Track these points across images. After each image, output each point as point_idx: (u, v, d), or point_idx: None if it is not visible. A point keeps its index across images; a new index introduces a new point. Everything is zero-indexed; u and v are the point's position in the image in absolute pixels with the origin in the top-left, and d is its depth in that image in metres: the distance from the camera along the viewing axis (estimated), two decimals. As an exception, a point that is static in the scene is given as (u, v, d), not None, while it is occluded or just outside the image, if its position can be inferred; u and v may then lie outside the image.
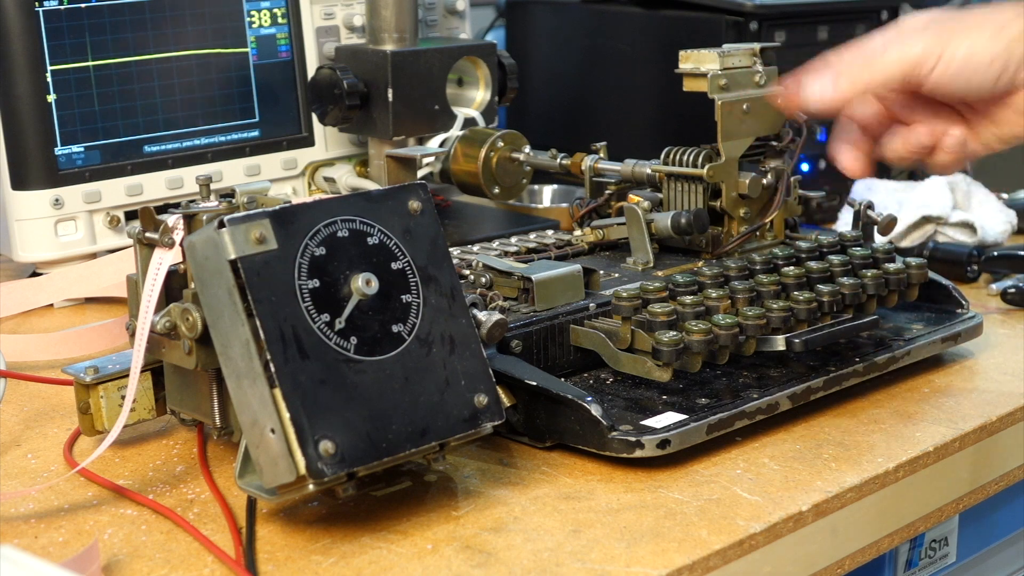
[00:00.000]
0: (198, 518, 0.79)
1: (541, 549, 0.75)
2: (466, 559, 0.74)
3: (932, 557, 0.99)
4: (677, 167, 1.10)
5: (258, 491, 0.76)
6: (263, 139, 1.36)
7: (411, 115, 1.31)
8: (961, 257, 1.28)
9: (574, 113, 1.56)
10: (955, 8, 0.87)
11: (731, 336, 0.91)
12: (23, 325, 1.17)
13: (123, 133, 1.27)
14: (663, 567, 0.73)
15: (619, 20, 1.49)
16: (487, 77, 1.38)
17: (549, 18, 1.59)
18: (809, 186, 1.18)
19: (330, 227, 0.77)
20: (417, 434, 0.76)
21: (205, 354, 0.79)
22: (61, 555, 0.75)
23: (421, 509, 0.80)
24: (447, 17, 1.51)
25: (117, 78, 1.26)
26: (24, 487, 0.84)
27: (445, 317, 0.80)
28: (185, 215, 0.82)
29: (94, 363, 0.87)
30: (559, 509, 0.80)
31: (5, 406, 0.93)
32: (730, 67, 1.08)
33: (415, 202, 0.81)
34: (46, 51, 1.22)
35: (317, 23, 1.39)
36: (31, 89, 1.22)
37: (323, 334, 0.74)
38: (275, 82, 1.37)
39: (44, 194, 1.23)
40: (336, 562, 0.74)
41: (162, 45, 1.29)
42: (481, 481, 0.84)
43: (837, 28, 1.46)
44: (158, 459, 0.88)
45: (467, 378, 0.79)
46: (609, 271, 1.04)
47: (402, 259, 0.79)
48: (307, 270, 0.75)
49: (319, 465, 0.72)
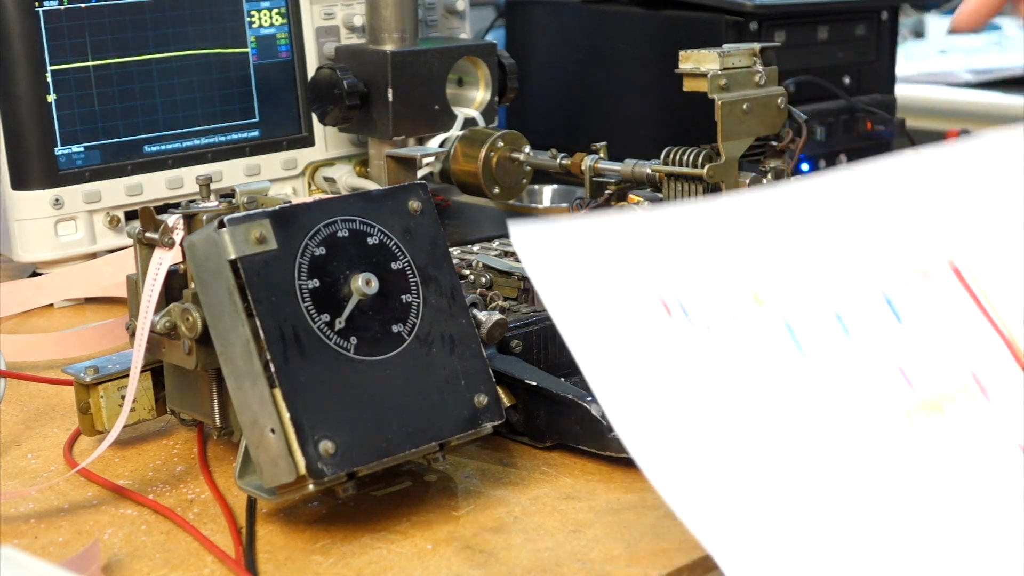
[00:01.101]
0: (198, 518, 0.79)
1: (541, 549, 0.75)
2: (466, 559, 0.74)
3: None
4: (677, 167, 1.10)
5: (258, 491, 0.76)
6: (263, 139, 1.36)
7: (411, 115, 1.31)
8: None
9: (574, 113, 1.56)
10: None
11: (731, 336, 0.91)
12: (23, 325, 1.17)
13: (123, 133, 1.27)
14: (663, 567, 0.73)
15: (619, 20, 1.49)
16: (487, 77, 1.38)
17: (549, 18, 1.59)
18: (809, 186, 1.17)
19: (330, 227, 0.77)
20: (417, 434, 0.76)
21: (205, 354, 0.79)
22: (61, 555, 0.75)
23: (421, 509, 0.80)
24: (447, 17, 1.51)
25: (117, 78, 1.26)
26: (24, 487, 0.84)
27: (445, 317, 0.80)
28: (185, 215, 0.82)
29: (94, 363, 0.87)
30: (559, 509, 0.80)
31: (5, 406, 0.93)
32: (730, 67, 1.08)
33: (415, 202, 0.81)
34: (46, 51, 1.22)
35: (317, 23, 1.39)
36: (31, 89, 1.22)
37: (323, 334, 0.75)
38: (275, 82, 1.37)
39: (44, 194, 1.23)
40: (336, 562, 0.74)
41: (162, 45, 1.29)
42: (481, 481, 0.84)
43: (837, 28, 1.46)
44: (158, 459, 0.88)
45: (467, 378, 0.79)
46: (609, 271, 1.04)
47: (402, 259, 0.79)
48: (307, 270, 0.75)
49: (319, 465, 0.72)
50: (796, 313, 0.73)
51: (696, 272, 0.73)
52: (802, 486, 0.67)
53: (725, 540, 0.64)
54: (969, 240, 0.78)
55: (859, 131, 1.47)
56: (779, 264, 0.75)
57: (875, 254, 0.76)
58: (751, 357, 0.70)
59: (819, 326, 0.73)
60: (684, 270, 0.73)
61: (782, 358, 0.71)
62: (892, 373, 0.72)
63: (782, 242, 0.76)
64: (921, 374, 0.72)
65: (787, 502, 0.66)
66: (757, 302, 0.73)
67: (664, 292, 0.71)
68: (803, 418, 0.69)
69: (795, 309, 0.73)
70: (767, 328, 0.72)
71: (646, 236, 0.73)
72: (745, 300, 0.73)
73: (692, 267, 0.73)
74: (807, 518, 0.66)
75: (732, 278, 0.74)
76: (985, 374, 0.73)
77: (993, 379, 0.73)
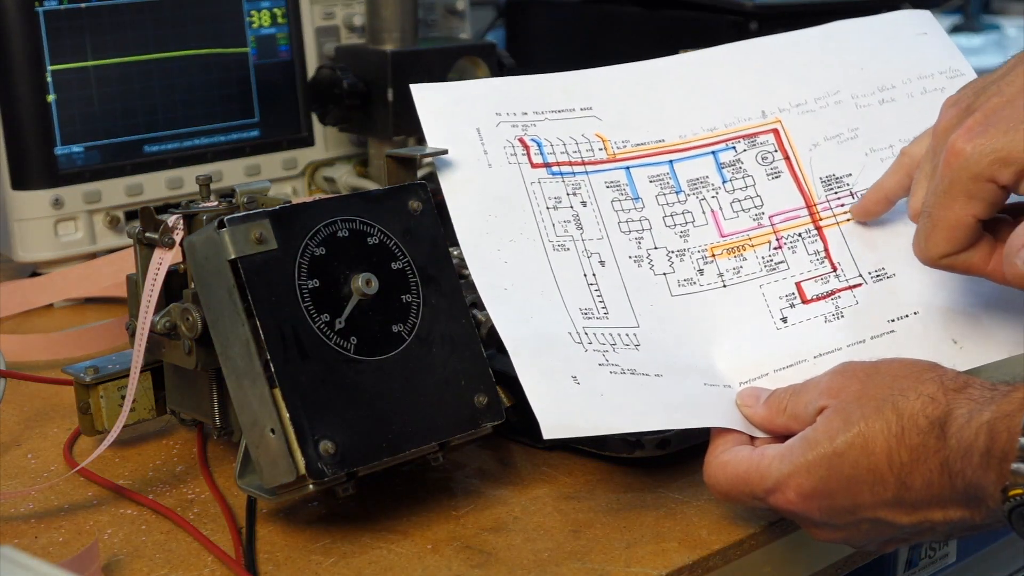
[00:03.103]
0: (198, 518, 0.79)
1: (541, 549, 0.75)
2: (466, 559, 0.74)
3: (932, 557, 0.99)
4: (677, 167, 1.10)
5: (258, 491, 0.76)
6: (263, 139, 1.36)
7: (411, 115, 1.30)
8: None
9: (574, 113, 1.55)
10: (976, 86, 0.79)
11: (731, 335, 0.91)
12: (23, 325, 1.17)
13: (123, 133, 1.27)
14: (663, 567, 0.73)
15: (619, 20, 1.49)
16: (487, 77, 1.38)
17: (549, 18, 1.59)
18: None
19: (330, 227, 0.77)
20: (417, 434, 0.76)
21: (205, 354, 0.79)
22: (61, 555, 0.75)
23: (421, 509, 0.80)
24: (447, 17, 1.51)
25: (117, 78, 1.26)
26: (24, 487, 0.84)
27: (445, 317, 0.80)
28: (185, 215, 0.82)
29: (94, 363, 0.87)
30: (559, 509, 0.80)
31: (5, 406, 0.93)
32: (730, 67, 1.08)
33: (415, 202, 0.81)
34: (46, 51, 1.22)
35: (317, 23, 1.39)
36: (31, 89, 1.22)
37: (323, 334, 0.74)
38: (275, 82, 1.37)
39: (44, 194, 1.23)
40: (336, 562, 0.74)
41: (162, 45, 1.29)
42: (481, 481, 0.84)
43: (837, 28, 1.45)
44: (158, 459, 0.88)
45: (467, 378, 0.79)
46: (609, 271, 1.04)
47: (402, 259, 0.79)
48: (307, 270, 0.75)
49: (319, 465, 0.72)
50: (637, 163, 0.89)
51: (557, 122, 0.90)
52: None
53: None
54: (791, 106, 0.93)
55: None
56: (628, 121, 0.91)
57: (712, 116, 0.92)
58: (589, 198, 0.87)
59: (654, 177, 0.89)
60: (546, 119, 0.89)
61: (617, 206, 0.87)
62: (707, 218, 0.88)
63: (631, 105, 0.92)
64: (730, 224, 0.88)
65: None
66: (606, 149, 0.89)
67: (525, 133, 0.88)
68: (622, 252, 0.85)
69: (636, 159, 0.89)
70: (610, 174, 0.88)
71: (517, 96, 0.90)
72: (596, 144, 0.89)
73: (554, 118, 0.90)
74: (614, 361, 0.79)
75: (586, 128, 0.90)
76: (783, 225, 0.88)
77: (789, 229, 0.88)
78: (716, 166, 0.90)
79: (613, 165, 0.89)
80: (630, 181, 0.88)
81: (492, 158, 0.86)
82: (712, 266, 0.86)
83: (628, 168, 0.89)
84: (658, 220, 0.87)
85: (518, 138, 0.88)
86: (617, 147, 0.89)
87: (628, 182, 0.88)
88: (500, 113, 0.89)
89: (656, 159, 0.90)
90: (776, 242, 0.87)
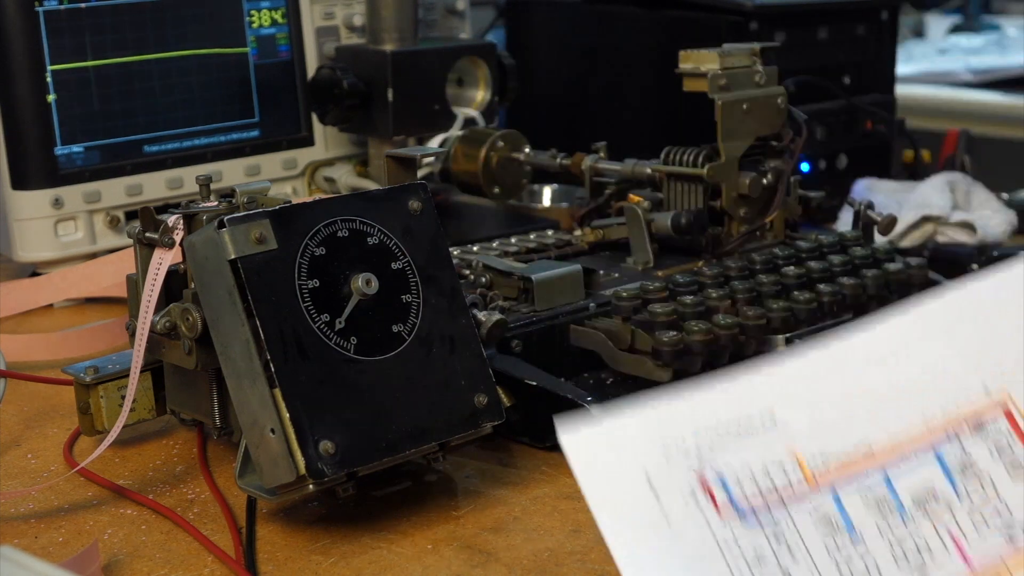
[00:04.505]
0: (198, 518, 0.79)
1: (541, 549, 0.75)
2: (466, 559, 0.74)
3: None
4: (677, 167, 1.10)
5: (258, 491, 0.76)
6: (263, 139, 1.36)
7: (411, 115, 1.31)
8: (961, 257, 1.28)
9: (574, 113, 1.56)
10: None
11: (732, 336, 0.91)
12: (23, 325, 1.17)
13: (123, 133, 1.27)
14: (663, 567, 0.73)
15: (619, 20, 1.49)
16: (487, 77, 1.38)
17: (549, 18, 1.59)
18: (809, 186, 1.18)
19: (330, 227, 0.77)
20: (417, 434, 0.76)
21: (205, 354, 0.79)
22: (61, 555, 0.75)
23: (421, 509, 0.80)
24: (447, 17, 1.51)
25: (117, 78, 1.26)
26: (24, 487, 0.84)
27: (445, 317, 0.80)
28: (185, 215, 0.82)
29: (94, 363, 0.87)
30: (559, 509, 0.80)
31: (5, 406, 0.93)
32: (730, 67, 1.08)
33: (415, 202, 0.81)
34: (46, 51, 1.22)
35: (317, 23, 1.39)
36: (31, 89, 1.22)
37: (323, 334, 0.74)
38: (275, 82, 1.37)
39: (44, 194, 1.23)
40: (336, 562, 0.74)
41: (162, 45, 1.29)
42: (481, 481, 0.84)
43: (837, 28, 1.46)
44: (158, 459, 0.88)
45: (467, 378, 0.79)
46: (609, 271, 1.04)
47: (402, 259, 0.79)
48: (307, 270, 0.75)
49: (319, 465, 0.72)
50: (845, 483, 0.67)
51: (738, 442, 0.68)
52: None
53: None
54: (1018, 375, 0.71)
55: (859, 131, 1.47)
56: (823, 427, 0.69)
57: (924, 403, 0.70)
58: (797, 546, 0.66)
59: (869, 499, 0.67)
60: (724, 442, 0.68)
61: (832, 546, 0.66)
62: (946, 544, 0.67)
63: (823, 406, 0.69)
64: (977, 548, 0.66)
65: None
66: (803, 471, 0.67)
67: (704, 470, 0.66)
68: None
69: (843, 478, 0.68)
70: (815, 505, 0.67)
71: (684, 418, 0.68)
72: (790, 467, 0.67)
73: (734, 437, 0.68)
74: None
75: (774, 444, 0.68)
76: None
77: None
78: (942, 470, 0.69)
79: (815, 492, 0.67)
80: (840, 510, 0.67)
81: (669, 511, 0.65)
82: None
83: (835, 493, 0.67)
84: (886, 558, 0.66)
85: (699, 478, 0.66)
86: (815, 465, 0.68)
87: (838, 511, 0.67)
88: (668, 445, 0.67)
89: (866, 473, 0.68)
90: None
